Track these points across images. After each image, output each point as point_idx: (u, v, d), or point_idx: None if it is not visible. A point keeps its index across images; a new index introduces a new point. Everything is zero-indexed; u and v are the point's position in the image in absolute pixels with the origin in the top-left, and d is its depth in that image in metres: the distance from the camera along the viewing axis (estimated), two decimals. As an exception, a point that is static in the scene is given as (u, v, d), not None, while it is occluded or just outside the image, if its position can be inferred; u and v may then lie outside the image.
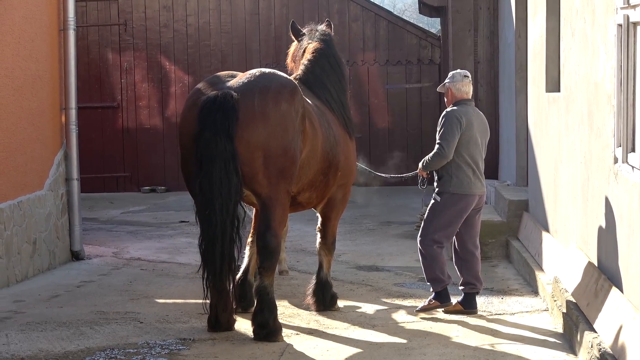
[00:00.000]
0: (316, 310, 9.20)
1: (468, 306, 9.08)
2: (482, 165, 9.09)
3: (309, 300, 9.29)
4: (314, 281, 9.34)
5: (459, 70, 9.53)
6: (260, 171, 7.94)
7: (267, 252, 8.04)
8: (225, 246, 7.90)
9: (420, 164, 9.21)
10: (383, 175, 11.38)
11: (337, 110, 9.38)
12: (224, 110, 7.80)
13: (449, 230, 9.02)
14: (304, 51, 9.75)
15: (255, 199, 8.20)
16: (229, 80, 8.26)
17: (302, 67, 9.57)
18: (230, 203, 7.83)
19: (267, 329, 8.02)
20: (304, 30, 10.05)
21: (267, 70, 8.53)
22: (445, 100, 9.48)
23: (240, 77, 8.26)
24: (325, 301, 9.24)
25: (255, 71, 8.36)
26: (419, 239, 9.11)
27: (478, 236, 9.27)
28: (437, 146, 8.98)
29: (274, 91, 8.09)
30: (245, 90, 8.00)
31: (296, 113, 8.16)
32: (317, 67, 9.48)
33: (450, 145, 8.89)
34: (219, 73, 8.68)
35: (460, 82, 9.29)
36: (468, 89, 9.32)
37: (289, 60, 10.27)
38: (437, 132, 9.10)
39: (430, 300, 9.12)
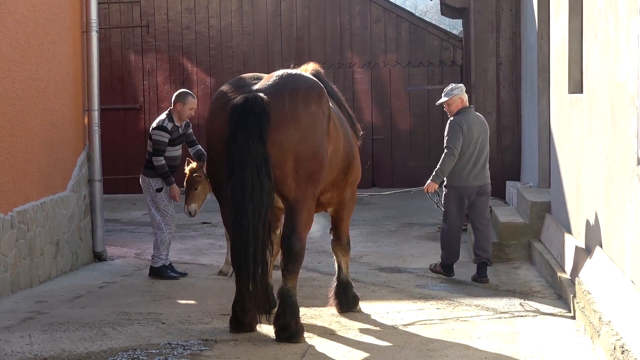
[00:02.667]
0: (339, 312, 9.22)
1: (478, 275, 10.85)
2: (482, 161, 11.01)
3: (332, 302, 9.30)
4: (335, 283, 9.35)
5: (456, 84, 11.26)
6: (290, 175, 7.95)
7: (291, 255, 8.04)
8: (258, 250, 7.84)
9: (430, 180, 10.90)
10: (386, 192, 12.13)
11: (344, 110, 9.39)
12: (255, 113, 7.77)
13: (459, 215, 11.01)
14: None
15: (282, 202, 8.19)
16: (255, 83, 8.23)
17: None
18: (262, 207, 7.79)
19: (289, 331, 8.01)
20: None
21: (292, 71, 8.51)
22: (449, 109, 11.09)
23: (267, 79, 8.22)
24: (348, 302, 9.27)
25: (281, 72, 8.33)
26: (443, 225, 11.12)
27: (484, 216, 11.08)
28: (445, 150, 10.81)
29: (303, 93, 8.08)
30: (274, 92, 7.97)
31: (323, 115, 8.20)
32: (319, 75, 9.18)
33: (457, 147, 10.75)
34: (242, 75, 8.66)
35: (464, 92, 11.13)
36: (467, 97, 11.19)
37: None
38: (445, 139, 10.89)
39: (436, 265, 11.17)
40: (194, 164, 11.23)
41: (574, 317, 8.67)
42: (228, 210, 8.00)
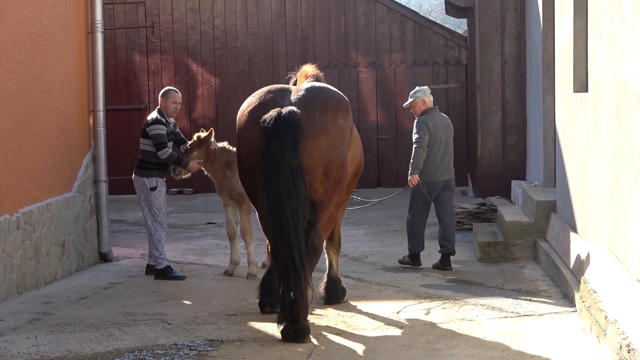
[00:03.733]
0: (327, 302, 9.61)
1: (442, 264, 11.77)
2: (448, 157, 11.87)
3: (323, 294, 9.70)
4: (325, 279, 9.82)
5: (421, 87, 12.34)
6: (319, 180, 8.40)
7: (311, 249, 8.37)
8: (302, 251, 8.11)
9: (410, 175, 11.72)
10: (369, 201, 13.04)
11: None
12: (290, 124, 8.16)
13: (425, 207, 11.97)
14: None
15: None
16: (285, 96, 8.60)
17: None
18: (299, 211, 8.11)
19: (297, 324, 8.05)
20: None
21: (319, 84, 8.95)
22: (414, 110, 12.14)
23: (296, 92, 8.63)
24: (337, 295, 9.74)
25: (309, 86, 8.80)
26: (408, 216, 12.09)
27: (449, 210, 12.01)
28: (415, 145, 11.72)
29: (332, 107, 8.63)
30: (306, 105, 8.42)
31: (349, 127, 8.78)
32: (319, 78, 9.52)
33: (425, 141, 11.68)
34: (269, 87, 8.92)
35: (428, 94, 12.21)
36: (432, 99, 12.27)
37: None
38: (413, 136, 11.80)
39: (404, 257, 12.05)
40: (203, 134, 11.48)
41: (580, 316, 8.66)
42: (265, 214, 8.31)
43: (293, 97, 8.54)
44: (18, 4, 10.60)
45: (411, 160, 11.73)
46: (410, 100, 12.13)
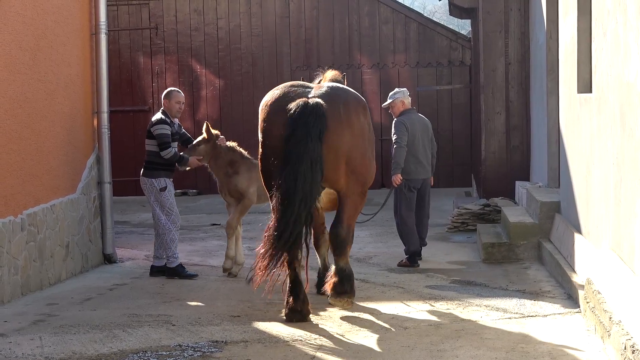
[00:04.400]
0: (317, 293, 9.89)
1: (410, 262, 12.04)
2: (426, 156, 12.34)
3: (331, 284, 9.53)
4: (329, 271, 9.68)
5: (400, 89, 12.60)
6: (342, 175, 8.86)
7: (337, 241, 8.99)
8: (297, 234, 8.57)
9: (393, 175, 12.11)
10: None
11: None
12: (316, 115, 8.56)
13: (409, 206, 12.25)
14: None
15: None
16: (308, 91, 8.98)
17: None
18: (309, 198, 8.53)
19: (346, 294, 9.03)
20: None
21: (339, 85, 9.38)
22: (392, 111, 12.49)
23: (318, 89, 9.01)
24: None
25: (330, 84, 9.22)
26: (396, 219, 12.36)
27: (424, 208, 12.50)
28: (395, 145, 12.09)
29: (354, 104, 9.06)
30: (330, 101, 8.78)
31: (368, 125, 9.21)
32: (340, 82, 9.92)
33: (404, 141, 12.02)
34: (290, 82, 9.38)
35: (407, 96, 12.49)
36: (410, 101, 12.52)
37: None
38: (393, 137, 12.14)
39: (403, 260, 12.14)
40: (215, 131, 11.82)
41: (584, 317, 8.66)
42: (277, 198, 8.59)
43: (316, 92, 8.90)
44: (22, 5, 10.61)
45: (392, 161, 12.15)
46: (389, 101, 12.50)
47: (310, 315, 8.98)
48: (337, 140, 8.71)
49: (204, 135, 11.74)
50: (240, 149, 11.94)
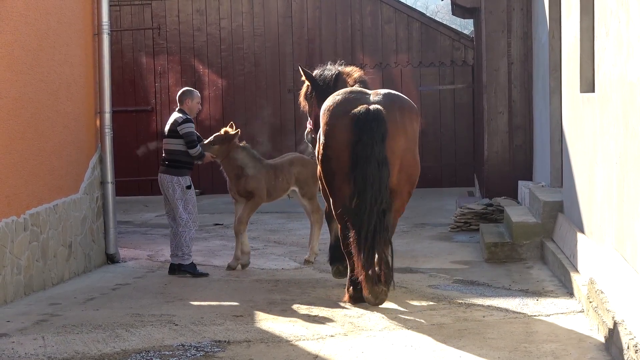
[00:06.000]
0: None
1: None
2: None
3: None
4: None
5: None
6: (395, 173, 9.35)
7: (384, 231, 9.38)
8: (376, 231, 9.20)
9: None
10: None
11: None
12: (379, 121, 9.15)
13: None
14: (341, 74, 10.75)
15: None
16: (367, 97, 9.51)
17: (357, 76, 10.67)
18: (379, 196, 9.14)
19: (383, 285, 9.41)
20: (316, 70, 11.08)
21: (393, 91, 9.85)
22: None
23: (376, 95, 9.55)
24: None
25: (386, 91, 9.72)
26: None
27: None
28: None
29: (408, 111, 9.64)
30: (388, 107, 9.37)
31: (418, 130, 9.73)
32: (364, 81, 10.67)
33: None
34: (349, 88, 9.91)
35: None
36: None
37: (301, 99, 11.33)
38: None
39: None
40: (232, 131, 12.03)
41: (587, 317, 8.66)
42: (348, 197, 9.25)
43: (374, 99, 9.46)
44: (25, 6, 10.62)
45: None
46: None
47: (312, 315, 9.05)
48: (394, 144, 9.29)
49: (224, 132, 12.02)
50: (253, 150, 12.23)
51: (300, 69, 11.10)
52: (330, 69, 10.90)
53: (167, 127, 11.83)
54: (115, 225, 13.07)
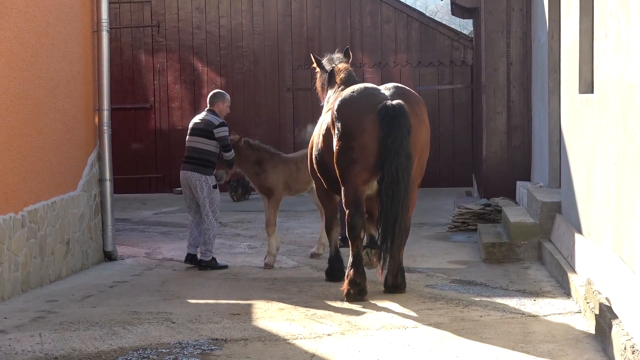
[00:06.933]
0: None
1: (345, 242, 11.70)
2: None
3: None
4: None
5: None
6: (413, 165, 9.67)
7: (404, 231, 9.88)
8: (403, 223, 9.66)
9: None
10: None
11: None
12: (404, 115, 9.51)
13: None
14: (333, 73, 11.32)
15: None
16: (382, 93, 9.87)
17: (342, 77, 11.20)
18: (408, 187, 9.55)
19: (400, 289, 10.06)
20: (323, 60, 11.62)
21: (400, 85, 10.28)
22: None
23: (387, 90, 9.96)
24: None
25: (394, 85, 10.17)
26: None
27: None
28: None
29: (421, 104, 10.09)
30: (406, 101, 9.73)
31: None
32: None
33: None
34: (363, 85, 10.27)
35: None
36: None
37: (318, 86, 11.76)
38: None
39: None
40: (242, 139, 12.32)
41: (584, 317, 8.66)
42: (382, 188, 9.53)
43: (389, 93, 9.85)
44: (24, 2, 10.61)
45: None
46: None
47: (310, 314, 9.07)
48: (416, 137, 9.70)
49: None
50: (266, 146, 12.43)
51: (313, 58, 11.66)
52: (332, 59, 11.50)
53: (196, 126, 12.08)
54: (113, 222, 13.07)
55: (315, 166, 10.60)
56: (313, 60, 11.64)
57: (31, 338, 8.23)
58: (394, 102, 9.61)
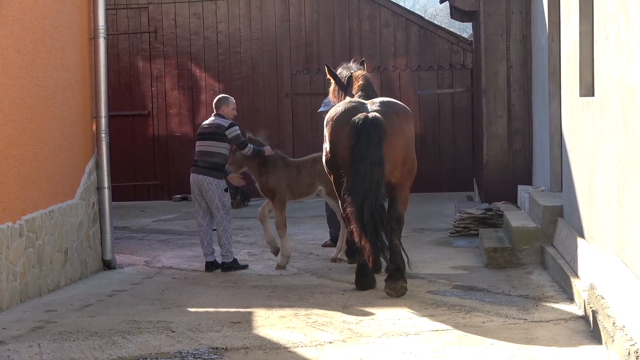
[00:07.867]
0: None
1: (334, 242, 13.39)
2: None
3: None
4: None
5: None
6: (398, 168, 10.64)
7: (395, 219, 10.61)
8: (379, 217, 10.17)
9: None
10: None
11: None
12: (376, 126, 10.33)
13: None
14: (352, 78, 11.87)
15: (388, 187, 10.71)
16: (365, 106, 10.69)
17: (361, 83, 11.76)
18: (370, 190, 10.14)
19: (399, 272, 10.44)
20: (339, 69, 12.22)
21: (387, 98, 11.11)
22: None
23: (372, 104, 10.75)
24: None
25: (382, 99, 10.95)
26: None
27: None
28: None
29: (403, 114, 10.89)
30: (385, 112, 10.57)
31: (413, 131, 11.00)
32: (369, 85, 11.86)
33: None
34: (349, 100, 11.13)
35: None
36: None
37: (330, 95, 12.31)
38: None
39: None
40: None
41: (587, 323, 8.60)
42: (350, 193, 10.31)
43: (372, 107, 10.65)
44: (20, 10, 10.56)
45: None
46: (324, 108, 13.04)
47: (311, 321, 9.04)
48: (396, 143, 10.54)
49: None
50: (270, 150, 12.65)
51: (326, 68, 12.17)
52: (349, 67, 12.11)
53: (206, 130, 12.37)
54: (112, 230, 13.02)
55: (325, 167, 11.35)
56: (327, 71, 12.12)
57: (30, 349, 8.17)
58: (370, 114, 10.48)
